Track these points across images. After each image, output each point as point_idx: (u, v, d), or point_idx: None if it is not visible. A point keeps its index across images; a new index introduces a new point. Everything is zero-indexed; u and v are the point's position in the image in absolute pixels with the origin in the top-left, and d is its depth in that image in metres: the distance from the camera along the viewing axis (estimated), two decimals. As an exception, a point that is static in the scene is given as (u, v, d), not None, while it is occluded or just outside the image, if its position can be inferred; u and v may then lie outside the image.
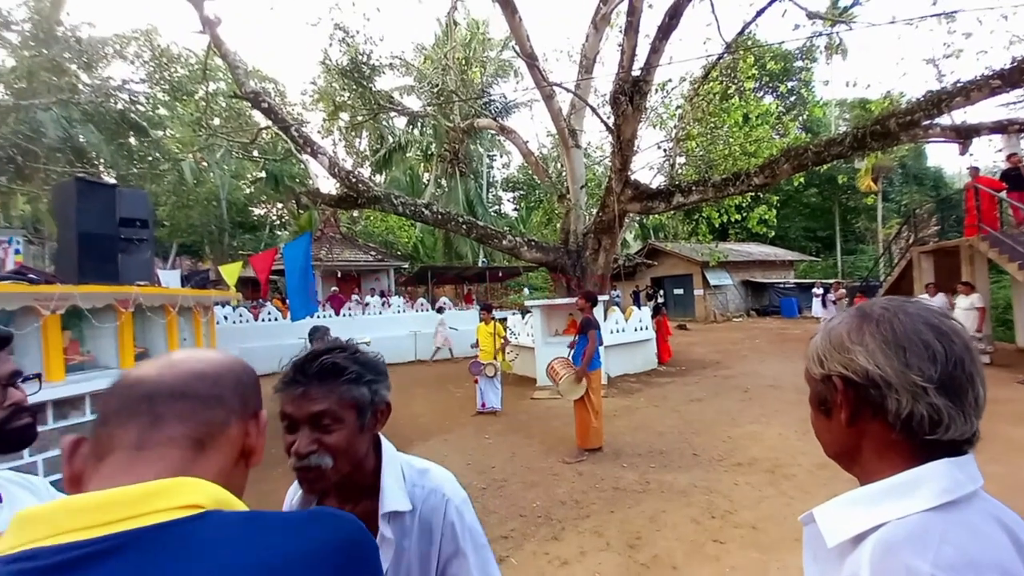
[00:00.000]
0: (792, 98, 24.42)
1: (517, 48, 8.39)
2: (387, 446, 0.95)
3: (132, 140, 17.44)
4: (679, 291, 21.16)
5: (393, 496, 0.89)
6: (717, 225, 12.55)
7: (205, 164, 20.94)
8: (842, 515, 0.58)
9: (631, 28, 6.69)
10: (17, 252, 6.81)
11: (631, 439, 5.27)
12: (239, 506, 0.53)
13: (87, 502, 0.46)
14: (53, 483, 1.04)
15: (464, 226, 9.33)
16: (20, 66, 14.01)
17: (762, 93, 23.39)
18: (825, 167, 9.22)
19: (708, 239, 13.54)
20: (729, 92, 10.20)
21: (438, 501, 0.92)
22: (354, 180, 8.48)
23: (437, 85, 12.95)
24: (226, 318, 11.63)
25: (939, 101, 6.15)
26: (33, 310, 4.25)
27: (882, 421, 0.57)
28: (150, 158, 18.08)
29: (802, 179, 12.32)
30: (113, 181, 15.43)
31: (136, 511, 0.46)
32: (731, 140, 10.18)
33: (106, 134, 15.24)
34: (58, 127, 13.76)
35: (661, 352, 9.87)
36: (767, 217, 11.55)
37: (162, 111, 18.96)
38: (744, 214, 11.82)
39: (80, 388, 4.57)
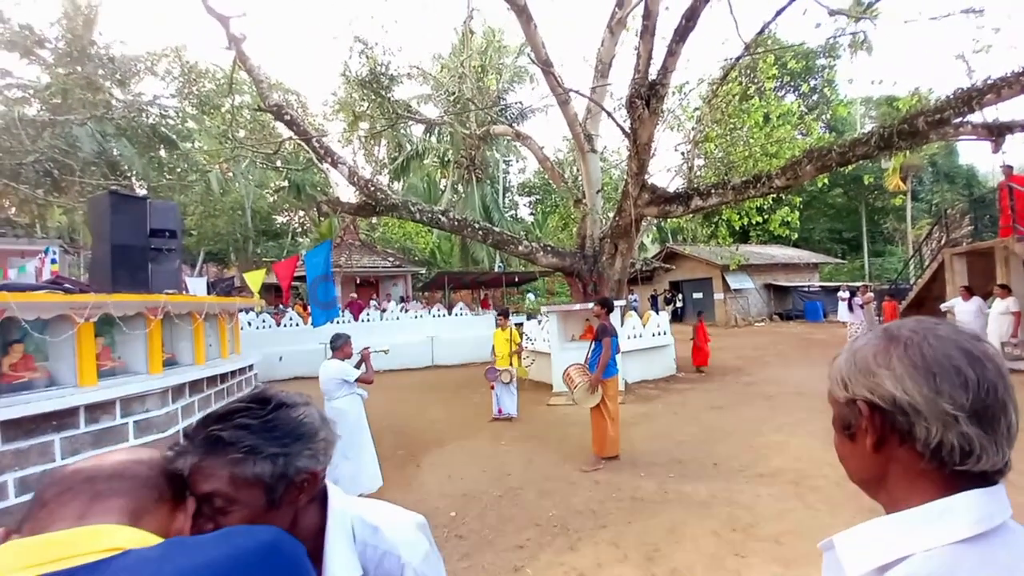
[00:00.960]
0: (815, 97, 23.88)
1: (532, 55, 8.43)
2: (336, 499, 0.82)
3: (163, 153, 18.15)
4: (698, 295, 20.79)
5: (339, 563, 0.76)
6: (737, 228, 12.32)
7: (231, 175, 21.64)
8: (865, 544, 0.56)
9: (647, 31, 6.65)
10: (54, 262, 7.16)
11: (649, 447, 5.19)
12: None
13: (32, 543, 0.52)
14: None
15: (480, 232, 9.38)
16: (56, 83, 14.73)
17: (783, 93, 22.99)
18: (850, 167, 8.96)
19: (728, 242, 13.30)
20: (749, 92, 10.03)
21: (392, 566, 0.79)
22: (372, 188, 8.63)
23: (454, 93, 13.11)
24: (250, 324, 11.92)
25: (969, 98, 5.92)
26: (68, 318, 4.44)
27: (910, 449, 0.55)
28: (179, 170, 18.78)
29: (826, 179, 12.02)
30: (144, 193, 16.09)
31: (68, 552, 0.51)
32: (751, 141, 10.00)
33: (138, 147, 15.91)
34: (93, 141, 14.42)
35: (697, 356, 9.66)
36: (790, 219, 11.28)
37: (191, 124, 19.70)
38: (766, 216, 11.58)
39: (112, 393, 4.73)
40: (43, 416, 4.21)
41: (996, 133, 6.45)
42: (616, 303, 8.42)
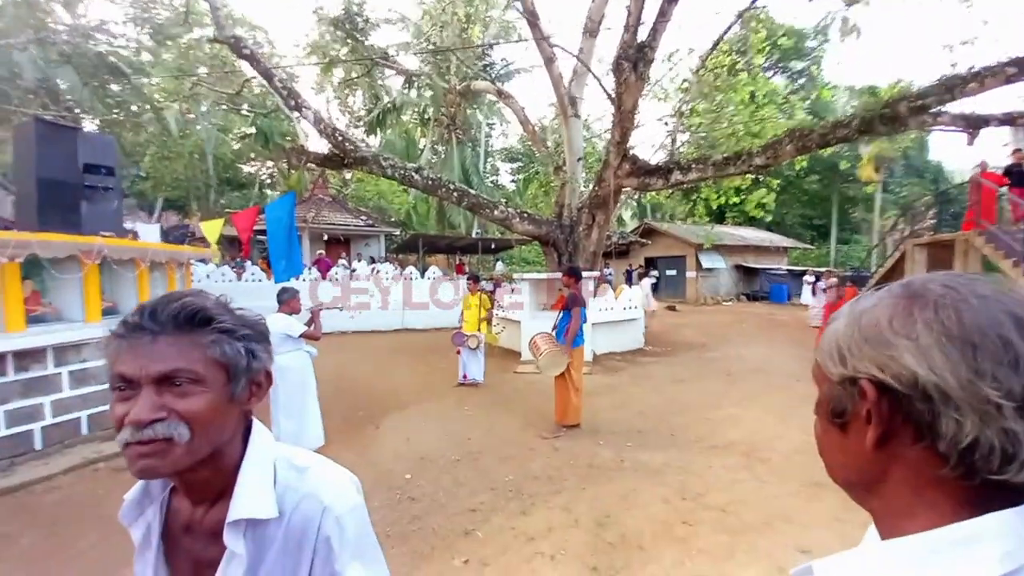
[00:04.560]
0: (802, 80, 23.83)
1: (519, 5, 7.92)
2: (260, 434, 0.75)
3: (114, 87, 16.62)
4: (671, 272, 21.08)
5: (250, 499, 0.68)
6: (715, 207, 12.36)
7: (191, 116, 20.12)
8: None
9: (639, -12, 6.30)
10: (-21, 196, 6.49)
11: (610, 417, 5.23)
12: None
13: None
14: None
15: (455, 193, 9.05)
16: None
17: (772, 73, 22.81)
18: (828, 152, 8.99)
19: (705, 220, 13.36)
20: (738, 67, 9.81)
21: (312, 509, 0.70)
22: (340, 138, 8.12)
23: (435, 43, 12.35)
24: (208, 276, 11.38)
25: (952, 87, 5.92)
26: (-12, 256, 4.01)
27: (928, 448, 0.41)
28: (133, 106, 17.30)
29: (804, 163, 12.05)
30: (95, 129, 14.79)
31: None
32: (736, 119, 9.87)
33: (84, 78, 14.46)
34: (34, 68, 13.02)
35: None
36: (766, 201, 11.36)
37: (146, 57, 18.03)
38: (743, 197, 11.62)
39: (42, 340, 4.39)
40: (-39, 361, 3.87)
41: (972, 125, 6.51)
42: (590, 274, 8.37)
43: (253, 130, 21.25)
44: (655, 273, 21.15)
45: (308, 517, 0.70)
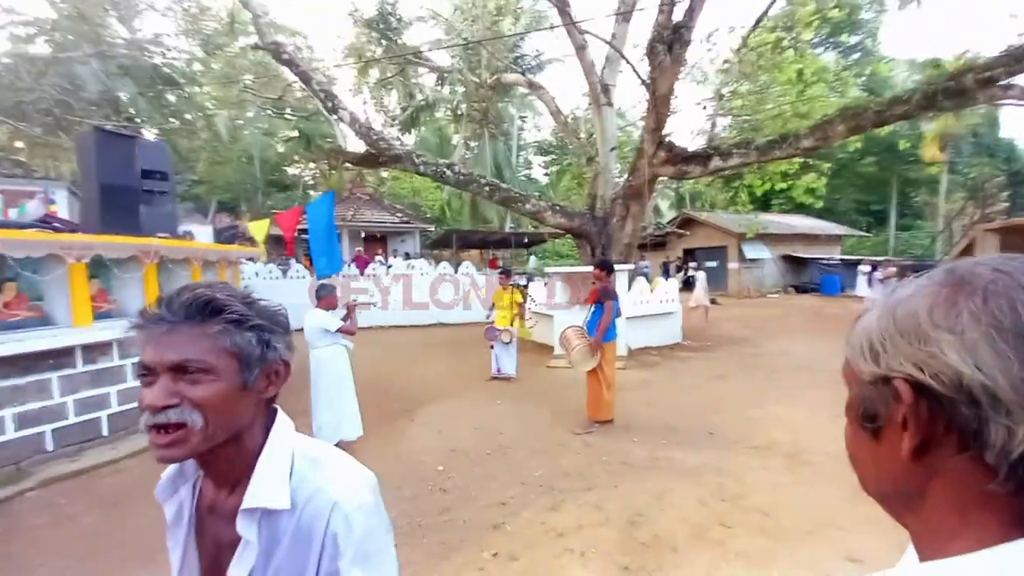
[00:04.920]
0: (857, 55, 22.20)
1: (549, -6, 7.79)
2: (282, 425, 0.77)
3: (169, 96, 17.74)
4: (712, 263, 20.27)
5: (264, 488, 0.70)
6: (760, 194, 11.75)
7: (240, 121, 21.17)
8: None
9: (674, -33, 6.03)
10: (52, 202, 7.08)
11: (645, 413, 5.11)
12: None
13: None
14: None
15: (487, 188, 9.05)
16: (61, 19, 14.23)
17: (822, 49, 21.36)
18: (886, 131, 8.31)
19: (748, 208, 12.74)
20: (783, 44, 9.23)
21: (322, 503, 0.70)
22: (375, 137, 8.29)
23: (466, 38, 12.36)
24: (257, 274, 11.98)
25: (1021, 57, 5.32)
26: (58, 258, 4.36)
27: (974, 459, 0.36)
28: (187, 115, 18.38)
29: (858, 144, 11.24)
30: (152, 135, 15.83)
31: None
32: (782, 99, 9.31)
33: (142, 88, 15.49)
34: (96, 80, 14.05)
35: None
36: (815, 186, 10.70)
37: (197, 67, 19.10)
38: (790, 182, 10.99)
39: (108, 334, 4.74)
40: (39, 354, 4.24)
41: (1053, 96, 5.85)
42: (623, 267, 8.18)
43: (296, 133, 22.12)
44: (693, 265, 20.49)
45: (318, 511, 0.70)
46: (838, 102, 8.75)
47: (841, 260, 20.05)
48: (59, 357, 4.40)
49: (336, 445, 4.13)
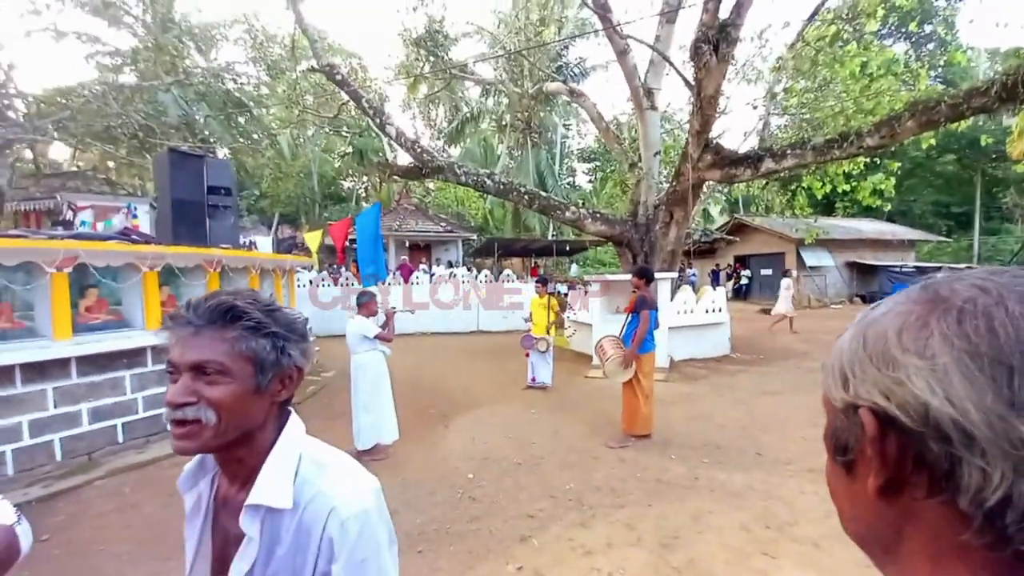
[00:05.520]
0: (930, 45, 20.38)
1: (590, 0, 7.74)
2: (293, 427, 0.80)
3: (240, 119, 19.31)
4: (766, 271, 19.16)
5: (269, 487, 0.72)
6: (820, 197, 10.95)
7: (301, 140, 22.64)
8: None
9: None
10: (135, 217, 7.88)
11: (685, 429, 4.86)
12: None
13: None
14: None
15: (526, 196, 9.07)
16: (143, 50, 15.88)
17: (890, 41, 19.80)
18: (964, 125, 7.52)
19: (807, 212, 11.90)
20: (844, 36, 8.63)
21: (321, 507, 0.72)
22: (419, 150, 8.56)
23: (509, 50, 12.55)
24: (311, 282, 12.66)
25: None
26: (134, 267, 4.81)
27: (947, 503, 0.30)
28: (255, 135, 19.89)
29: (933, 141, 10.22)
30: (224, 154, 17.25)
31: None
32: (844, 95, 8.66)
33: (215, 112, 16.94)
34: (177, 106, 15.52)
35: None
36: (883, 187, 9.85)
37: (264, 90, 20.68)
38: (854, 184, 10.19)
39: (174, 337, 5.16)
40: (115, 354, 4.67)
41: None
42: (666, 275, 7.89)
43: (350, 149, 23.31)
44: (747, 273, 19.47)
45: (317, 514, 0.72)
46: (907, 96, 8.03)
47: (916, 267, 18.30)
48: (132, 357, 4.84)
49: (374, 447, 4.26)
